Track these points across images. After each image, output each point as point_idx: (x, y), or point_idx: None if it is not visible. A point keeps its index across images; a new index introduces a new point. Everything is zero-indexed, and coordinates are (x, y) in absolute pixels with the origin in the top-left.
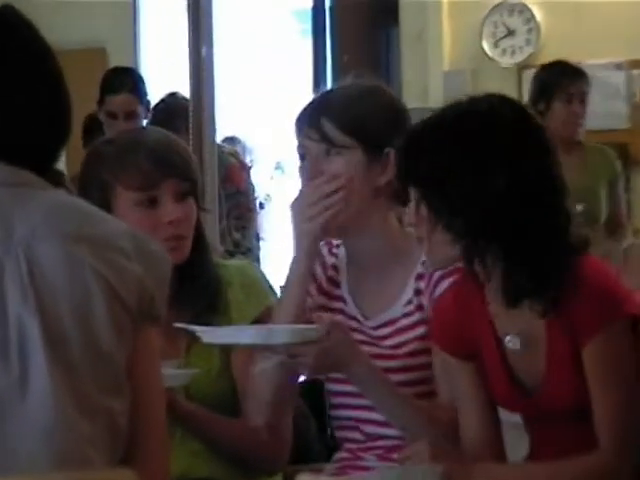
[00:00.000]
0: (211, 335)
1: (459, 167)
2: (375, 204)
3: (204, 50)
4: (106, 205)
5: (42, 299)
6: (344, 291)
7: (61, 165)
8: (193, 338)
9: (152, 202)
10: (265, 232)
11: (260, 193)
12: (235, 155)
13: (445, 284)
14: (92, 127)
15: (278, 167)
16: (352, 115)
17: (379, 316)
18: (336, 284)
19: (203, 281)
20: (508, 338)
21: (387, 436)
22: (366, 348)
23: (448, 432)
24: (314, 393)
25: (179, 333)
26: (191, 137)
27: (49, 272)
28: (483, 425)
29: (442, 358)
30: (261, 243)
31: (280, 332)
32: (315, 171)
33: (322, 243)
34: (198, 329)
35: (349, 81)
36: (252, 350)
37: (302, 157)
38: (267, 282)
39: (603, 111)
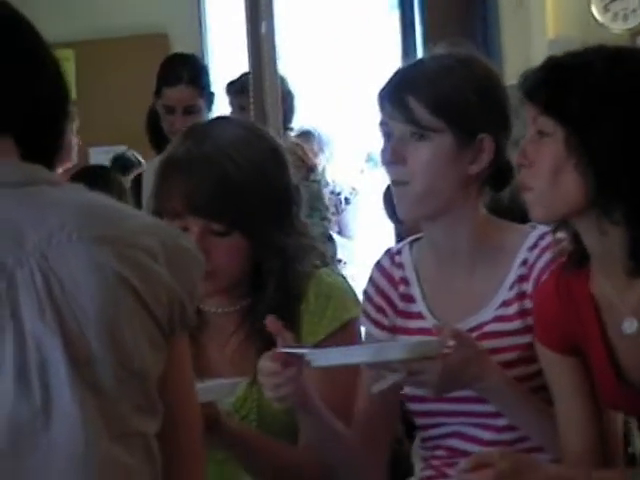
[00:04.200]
0: (324, 358)
1: (616, 105)
2: (465, 193)
3: (264, 25)
4: None
5: (62, 316)
6: (420, 305)
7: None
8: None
9: (184, 230)
10: (351, 229)
11: (346, 187)
12: (294, 151)
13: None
14: (156, 120)
15: (370, 159)
16: (443, 93)
17: (465, 320)
18: (410, 299)
19: (268, 294)
20: (627, 323)
21: (471, 451)
22: None
23: None
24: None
25: (249, 352)
26: None
27: (69, 284)
28: (587, 427)
29: (542, 354)
30: (346, 242)
31: (399, 347)
32: (398, 156)
33: (383, 253)
34: (307, 352)
35: (441, 50)
36: (355, 370)
37: (386, 137)
38: (348, 291)
39: None
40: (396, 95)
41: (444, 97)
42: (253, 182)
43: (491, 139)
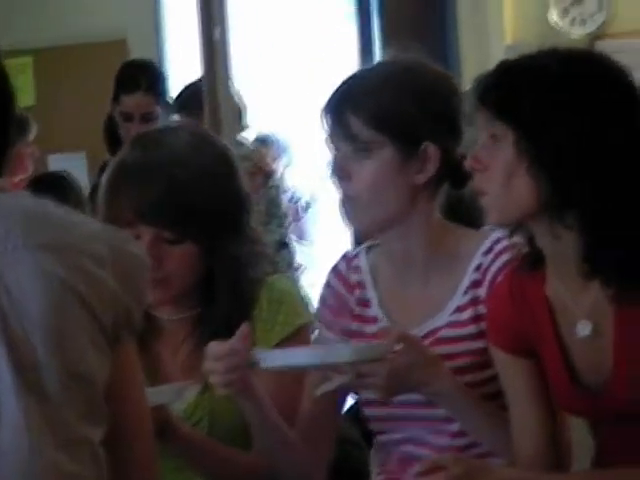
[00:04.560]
0: (270, 359)
1: (568, 110)
2: (414, 203)
3: (217, 31)
4: None
5: (7, 322)
6: (375, 309)
7: (81, 166)
8: None
9: (136, 238)
10: (311, 235)
11: (305, 193)
12: (250, 157)
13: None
14: (114, 127)
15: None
16: (381, 106)
17: (420, 326)
18: (366, 303)
19: (221, 301)
20: (580, 325)
21: (425, 457)
22: None
23: None
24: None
25: (200, 359)
26: None
27: (15, 291)
28: (540, 430)
29: (496, 356)
30: (305, 247)
31: (346, 350)
32: (343, 172)
33: (339, 257)
34: (256, 353)
35: (387, 58)
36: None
37: (332, 152)
38: (300, 297)
39: None
40: (336, 112)
41: (382, 110)
42: (203, 189)
43: (436, 147)
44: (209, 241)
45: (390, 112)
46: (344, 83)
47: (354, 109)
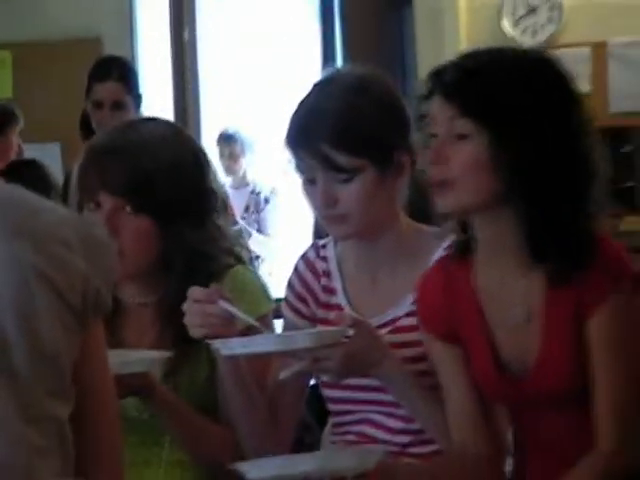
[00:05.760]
0: (229, 346)
1: (531, 112)
2: (393, 208)
3: (186, 32)
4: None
5: None
6: (340, 298)
7: (56, 156)
8: (181, 349)
9: (96, 206)
10: (270, 227)
11: (266, 187)
12: None
13: None
14: (89, 121)
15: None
16: (353, 131)
17: (382, 314)
18: (331, 292)
19: (173, 287)
20: (511, 313)
21: (379, 437)
22: None
23: None
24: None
25: (165, 345)
26: None
27: None
28: (474, 417)
29: (427, 342)
30: (265, 239)
31: (302, 336)
32: (329, 199)
33: (309, 246)
34: (217, 342)
35: (341, 75)
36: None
37: (309, 181)
38: (262, 287)
39: (633, 92)
40: (309, 144)
41: (356, 135)
42: (166, 172)
43: (406, 152)
44: (165, 223)
45: (365, 135)
46: (308, 113)
47: (330, 140)
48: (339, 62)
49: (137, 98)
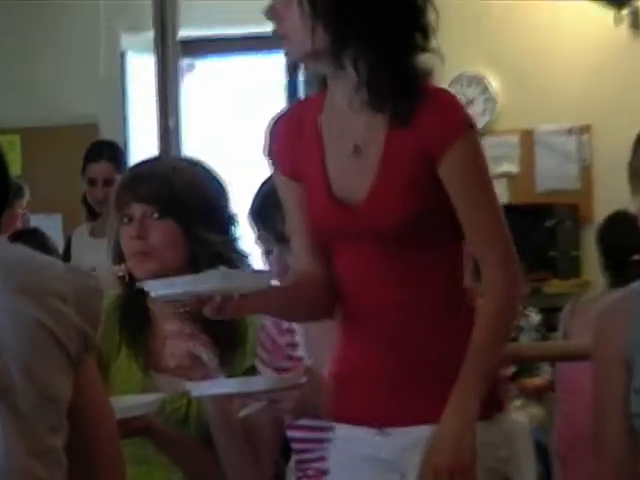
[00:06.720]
0: (196, 388)
1: None
2: None
3: (172, 121)
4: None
5: None
6: (302, 351)
7: (57, 225)
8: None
9: (130, 220)
10: None
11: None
12: None
13: None
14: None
15: None
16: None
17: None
18: (294, 347)
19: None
20: (347, 147)
21: None
22: None
23: None
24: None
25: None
26: None
27: None
28: (311, 245)
29: (277, 180)
30: None
31: (261, 381)
32: (285, 268)
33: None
34: (189, 384)
35: None
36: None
37: (267, 251)
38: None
39: (556, 173)
40: (266, 221)
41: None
42: (189, 185)
43: None
44: (188, 226)
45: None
46: (267, 195)
47: (282, 219)
48: None
49: None
